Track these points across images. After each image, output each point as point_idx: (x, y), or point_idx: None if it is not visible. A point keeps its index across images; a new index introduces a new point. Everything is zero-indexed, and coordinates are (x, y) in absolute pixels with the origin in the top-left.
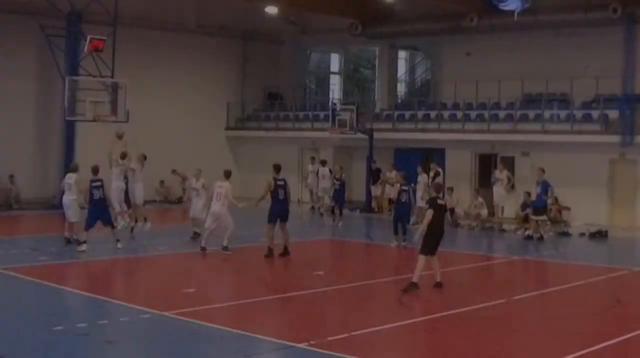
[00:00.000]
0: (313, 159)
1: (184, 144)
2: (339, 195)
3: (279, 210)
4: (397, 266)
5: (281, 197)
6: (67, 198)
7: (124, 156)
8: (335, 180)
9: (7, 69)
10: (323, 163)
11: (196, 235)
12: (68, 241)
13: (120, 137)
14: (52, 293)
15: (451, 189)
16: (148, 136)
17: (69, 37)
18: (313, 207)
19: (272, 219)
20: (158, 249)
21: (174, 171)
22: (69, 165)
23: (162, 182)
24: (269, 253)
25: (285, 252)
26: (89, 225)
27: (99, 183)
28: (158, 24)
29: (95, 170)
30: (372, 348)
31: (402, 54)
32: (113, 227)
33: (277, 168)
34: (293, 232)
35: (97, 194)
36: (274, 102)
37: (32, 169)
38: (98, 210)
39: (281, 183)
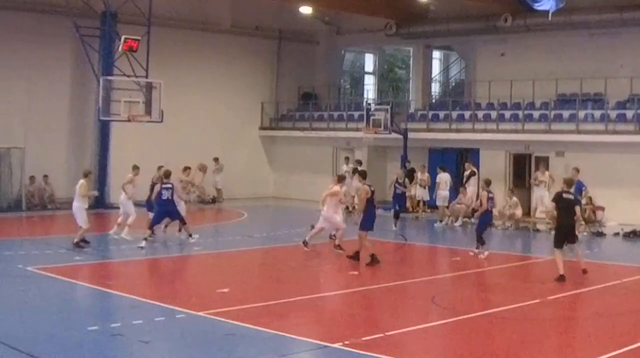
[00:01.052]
0: (347, 159)
1: (218, 144)
2: (401, 199)
3: (374, 218)
4: (430, 266)
5: (376, 203)
6: (74, 204)
7: (168, 175)
8: (397, 184)
9: (42, 68)
10: (359, 163)
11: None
12: (78, 245)
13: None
14: (87, 293)
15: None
16: (182, 136)
17: (103, 37)
18: (347, 207)
19: (369, 227)
20: (193, 249)
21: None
22: (103, 165)
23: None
24: (374, 260)
25: (356, 256)
26: (155, 223)
27: (169, 186)
28: (192, 24)
29: (167, 175)
30: (406, 349)
31: (436, 54)
32: (184, 222)
33: (364, 174)
34: (328, 232)
35: (165, 195)
36: (309, 102)
37: (66, 169)
38: (166, 210)
39: (372, 188)
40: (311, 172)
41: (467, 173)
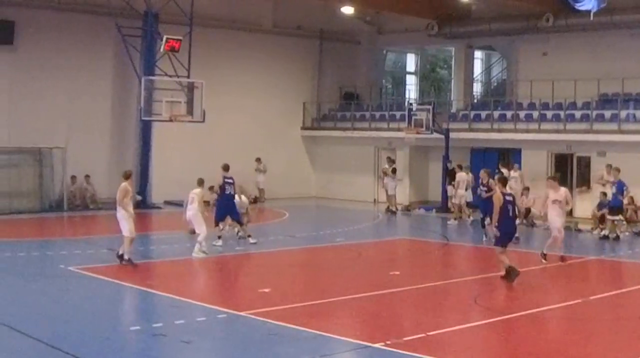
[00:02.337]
0: (389, 158)
1: (260, 144)
2: (487, 205)
3: (511, 230)
4: (472, 266)
5: (511, 214)
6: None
7: (227, 168)
8: (481, 187)
9: (84, 69)
10: (392, 161)
11: None
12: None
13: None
14: (129, 294)
15: (527, 189)
16: (223, 136)
17: (145, 37)
18: (389, 207)
19: (504, 242)
20: (234, 249)
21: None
22: (145, 165)
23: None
24: (511, 275)
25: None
26: (219, 219)
27: (230, 181)
28: (234, 23)
29: (226, 168)
30: (448, 349)
31: (478, 54)
32: (241, 224)
33: (504, 181)
34: (369, 231)
35: (228, 189)
36: (350, 102)
37: (108, 169)
38: (228, 206)
39: (510, 198)
40: (353, 172)
41: (513, 173)
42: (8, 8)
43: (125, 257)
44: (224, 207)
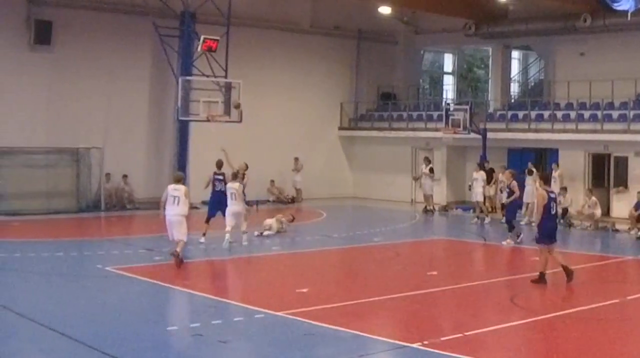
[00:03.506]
0: (426, 158)
1: (297, 144)
2: (511, 208)
3: (552, 229)
4: (509, 266)
5: (553, 211)
6: (177, 214)
7: (220, 165)
8: (507, 189)
9: (121, 69)
10: (428, 161)
11: None
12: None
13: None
14: (166, 293)
15: (565, 189)
16: (260, 136)
17: (182, 37)
18: (426, 207)
19: (544, 239)
20: (271, 249)
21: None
22: (183, 165)
23: (272, 181)
24: (541, 279)
25: (569, 276)
26: (210, 216)
27: (221, 177)
28: (271, 23)
29: (219, 165)
30: (485, 349)
31: (515, 54)
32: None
33: (546, 178)
34: (407, 232)
35: (219, 186)
36: (388, 102)
37: (145, 169)
38: (220, 202)
39: (553, 196)
40: (390, 172)
41: (554, 173)
42: (46, 8)
43: (176, 254)
44: (216, 203)
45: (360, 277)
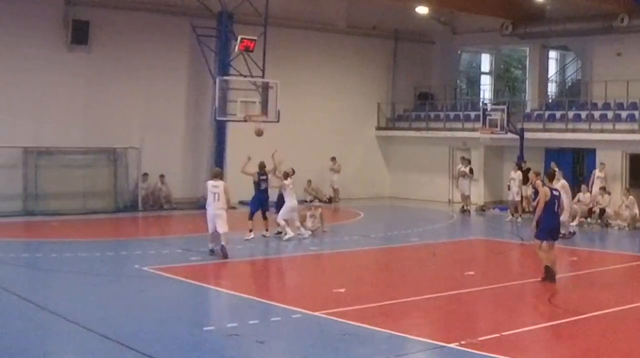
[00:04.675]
0: (463, 158)
1: (334, 144)
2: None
3: (553, 225)
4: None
5: (556, 209)
6: (218, 208)
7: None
8: (532, 189)
9: (159, 69)
10: (467, 161)
11: None
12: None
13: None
14: (204, 293)
15: (603, 189)
16: (298, 136)
17: (219, 37)
18: (463, 207)
19: (543, 235)
20: (309, 249)
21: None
22: (220, 165)
23: (309, 181)
24: (549, 277)
25: (549, 276)
26: (253, 213)
27: (264, 177)
28: (309, 24)
29: (262, 166)
30: (523, 349)
31: (552, 54)
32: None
33: (551, 176)
34: (444, 232)
35: (263, 185)
36: (425, 102)
37: (182, 169)
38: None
39: (556, 193)
40: (427, 172)
41: (598, 173)
42: (83, 8)
43: (219, 247)
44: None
45: (397, 277)
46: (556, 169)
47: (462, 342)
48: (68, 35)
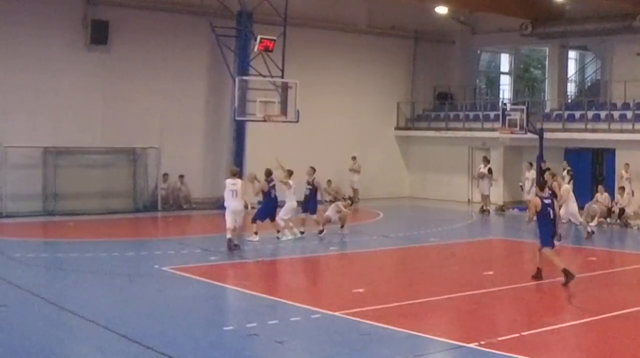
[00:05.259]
0: (485, 158)
1: (354, 144)
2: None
3: (553, 232)
4: (566, 266)
5: (552, 217)
6: (237, 205)
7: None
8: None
9: (178, 68)
10: (487, 161)
11: None
12: (235, 246)
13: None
14: (223, 293)
15: (622, 189)
16: (317, 136)
17: (239, 37)
18: (483, 207)
19: (550, 242)
20: (328, 249)
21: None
22: (239, 165)
23: (329, 181)
24: (569, 278)
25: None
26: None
27: (274, 183)
28: (328, 23)
29: (268, 173)
30: (542, 349)
31: (572, 54)
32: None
33: (542, 185)
34: (463, 231)
35: (273, 193)
36: (444, 102)
37: (201, 169)
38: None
39: (548, 201)
40: (447, 172)
41: (625, 173)
42: (102, 8)
43: (236, 242)
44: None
45: (417, 277)
46: (565, 171)
47: (482, 342)
48: (87, 36)
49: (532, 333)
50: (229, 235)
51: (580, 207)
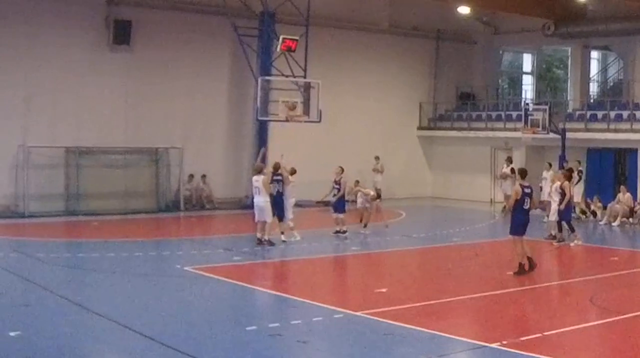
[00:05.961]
0: (508, 158)
1: (376, 144)
2: (566, 209)
3: (523, 221)
4: (587, 266)
5: (526, 206)
6: (259, 199)
7: (277, 168)
8: (559, 190)
9: (200, 68)
10: (509, 161)
11: None
12: (260, 241)
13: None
14: (245, 293)
15: None
16: (339, 136)
17: (261, 37)
18: (505, 207)
19: (518, 231)
20: (350, 249)
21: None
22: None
23: (357, 181)
24: (521, 271)
25: (521, 271)
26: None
27: (279, 178)
28: (351, 23)
29: (276, 167)
30: (565, 349)
31: (594, 54)
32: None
33: (523, 173)
34: (486, 231)
35: (275, 187)
36: (466, 102)
37: (224, 169)
38: (274, 203)
39: (528, 191)
40: (469, 172)
41: None
42: (125, 8)
43: (266, 238)
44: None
45: (439, 277)
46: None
47: (504, 342)
48: (110, 36)
49: (555, 333)
50: (257, 234)
51: (603, 207)
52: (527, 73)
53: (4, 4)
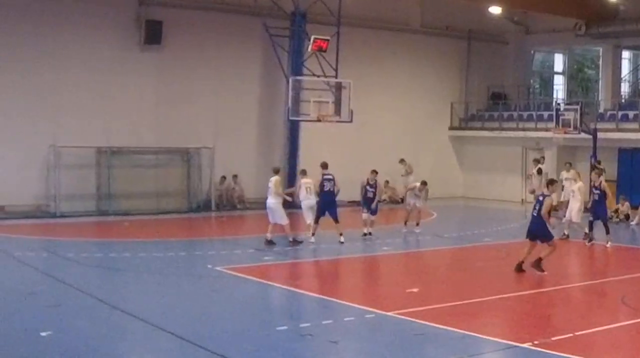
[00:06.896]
0: (535, 160)
1: (408, 144)
2: (598, 208)
3: (529, 227)
4: (619, 266)
5: (535, 213)
6: (270, 201)
7: (326, 166)
8: (593, 189)
9: (231, 68)
10: (537, 161)
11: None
12: (270, 242)
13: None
14: (276, 293)
15: None
16: (370, 136)
17: (292, 37)
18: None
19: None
20: (382, 249)
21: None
22: (293, 165)
23: (387, 181)
24: (517, 268)
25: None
26: (318, 216)
27: (330, 177)
28: (382, 23)
29: (324, 165)
30: (596, 349)
31: (625, 54)
32: (337, 221)
33: (551, 183)
34: (517, 231)
35: (327, 186)
36: (498, 102)
37: (255, 169)
38: (328, 203)
39: (541, 198)
40: (500, 172)
41: None
42: (156, 8)
43: (291, 238)
44: (323, 204)
45: (471, 276)
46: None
47: (536, 342)
48: (141, 35)
49: (586, 333)
50: (267, 235)
51: (635, 207)
52: (558, 73)
53: (36, 5)
